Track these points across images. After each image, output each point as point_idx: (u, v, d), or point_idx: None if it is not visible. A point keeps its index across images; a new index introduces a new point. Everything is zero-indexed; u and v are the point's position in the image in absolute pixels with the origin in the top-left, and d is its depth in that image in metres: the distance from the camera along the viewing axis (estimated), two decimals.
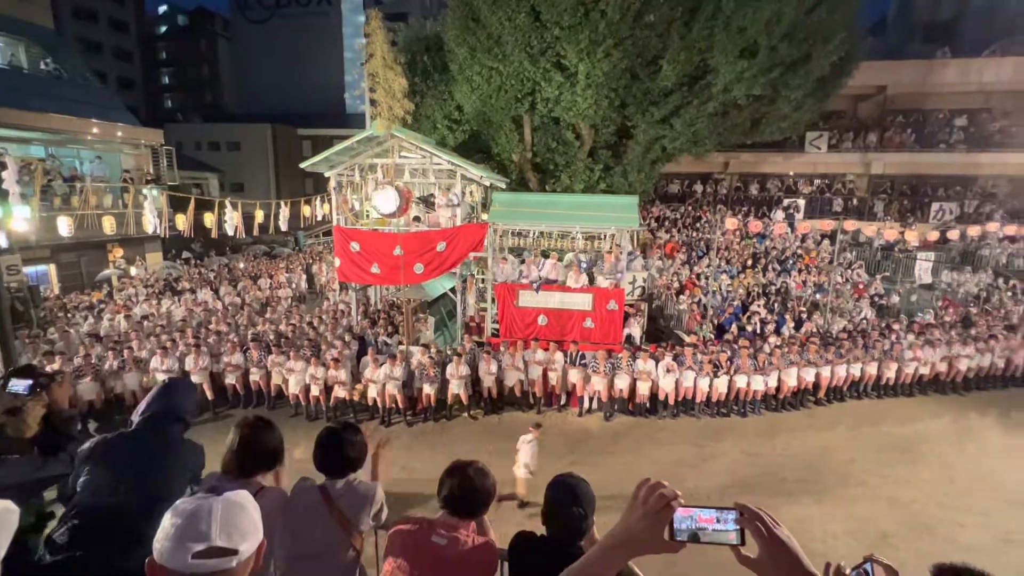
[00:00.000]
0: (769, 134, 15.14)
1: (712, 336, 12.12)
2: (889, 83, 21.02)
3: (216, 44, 48.87)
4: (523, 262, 11.06)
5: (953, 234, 17.10)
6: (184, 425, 2.29)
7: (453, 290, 11.73)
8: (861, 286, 15.37)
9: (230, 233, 10.99)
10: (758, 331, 12.17)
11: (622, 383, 9.54)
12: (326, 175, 11.57)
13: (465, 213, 11.34)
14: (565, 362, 9.93)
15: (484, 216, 12.34)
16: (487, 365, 9.62)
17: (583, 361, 9.93)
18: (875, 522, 6.59)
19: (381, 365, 9.11)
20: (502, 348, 10.15)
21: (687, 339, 11.62)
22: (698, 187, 22.90)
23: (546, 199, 12.73)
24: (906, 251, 17.55)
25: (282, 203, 12.37)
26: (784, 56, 12.49)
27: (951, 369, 11.02)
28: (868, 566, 1.46)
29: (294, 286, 17.63)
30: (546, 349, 10.03)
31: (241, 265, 19.82)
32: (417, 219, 10.96)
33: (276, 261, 21.56)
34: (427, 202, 11.41)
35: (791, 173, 22.58)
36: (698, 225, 19.48)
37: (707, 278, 14.66)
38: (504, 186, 12.86)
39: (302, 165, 11.69)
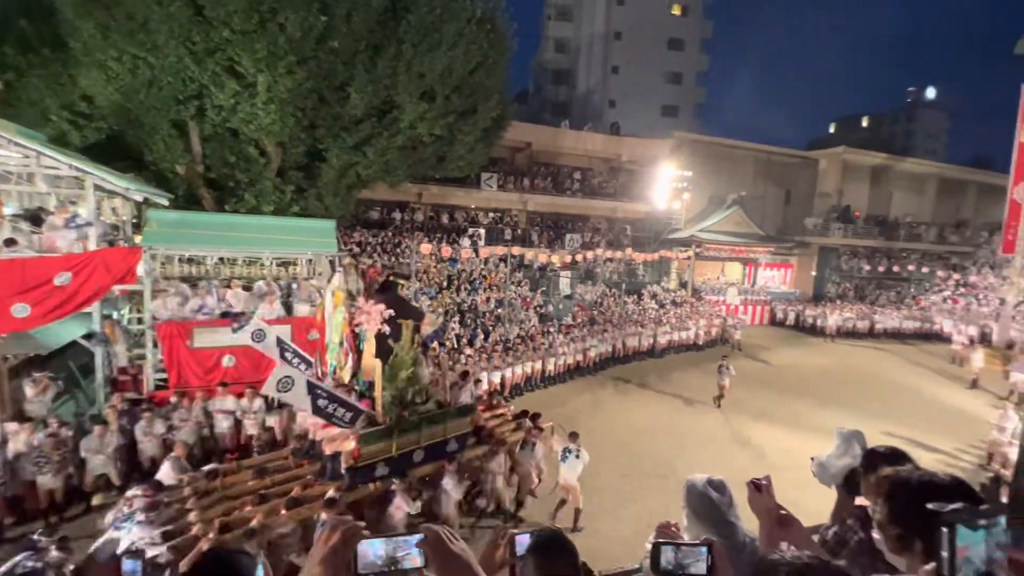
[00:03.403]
0: (452, 171, 17.22)
1: None
2: (533, 141, 27.07)
3: None
4: (196, 294, 9.22)
5: (579, 257, 23.12)
6: None
7: (89, 337, 8.78)
8: (528, 299, 19.05)
9: None
10: (455, 345, 13.50)
11: None
12: None
13: (102, 233, 8.69)
14: (265, 406, 8.72)
15: (138, 239, 9.77)
16: (149, 427, 7.56)
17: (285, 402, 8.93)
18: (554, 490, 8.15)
19: None
20: (173, 401, 8.17)
21: None
22: (396, 214, 24.07)
23: (228, 220, 11.03)
24: (554, 271, 22.74)
25: None
26: (456, 105, 14.49)
27: (585, 357, 14.74)
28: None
29: None
30: (240, 395, 8.61)
31: None
32: (11, 242, 7.77)
33: None
34: (34, 218, 8.27)
35: (473, 206, 26.27)
36: (398, 251, 20.41)
37: (409, 300, 15.44)
38: (167, 203, 10.48)
39: None
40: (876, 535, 1.35)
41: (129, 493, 5.47)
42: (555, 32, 40.44)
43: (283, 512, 5.48)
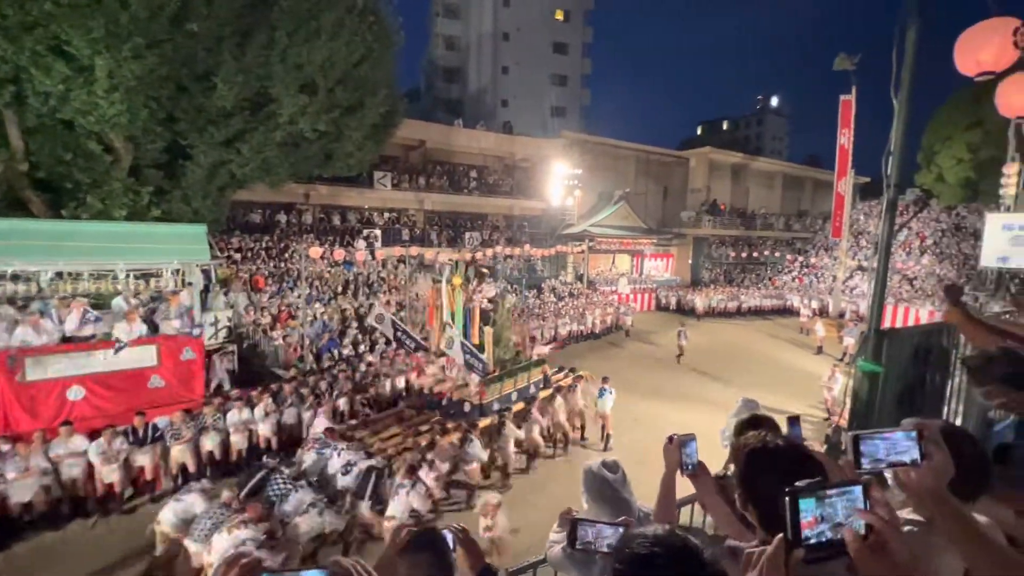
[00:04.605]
0: (340, 169, 16.27)
1: (313, 366, 11.97)
2: (427, 139, 26.59)
3: None
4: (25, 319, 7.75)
5: (479, 255, 23.24)
6: None
7: None
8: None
9: None
10: (355, 353, 12.85)
11: (211, 443, 8.07)
12: None
13: None
14: (129, 442, 7.57)
15: None
16: None
17: (157, 434, 7.87)
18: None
19: None
20: (3, 450, 6.80)
21: (286, 375, 11.03)
22: (282, 217, 22.26)
23: (65, 228, 9.40)
24: None
25: None
26: (341, 100, 13.69)
27: None
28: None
29: None
30: (93, 434, 7.39)
31: None
32: None
33: None
34: None
35: (366, 206, 25.16)
36: (285, 255, 18.92)
37: (300, 308, 14.41)
38: None
39: None
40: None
41: (310, 437, 7.75)
42: (444, 29, 40.12)
43: (438, 437, 7.66)
